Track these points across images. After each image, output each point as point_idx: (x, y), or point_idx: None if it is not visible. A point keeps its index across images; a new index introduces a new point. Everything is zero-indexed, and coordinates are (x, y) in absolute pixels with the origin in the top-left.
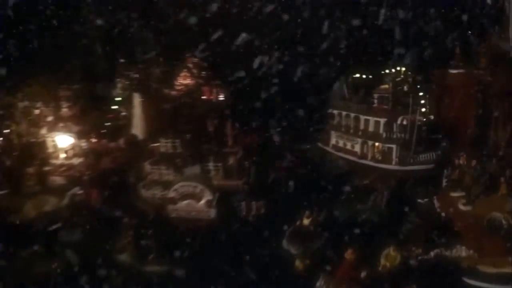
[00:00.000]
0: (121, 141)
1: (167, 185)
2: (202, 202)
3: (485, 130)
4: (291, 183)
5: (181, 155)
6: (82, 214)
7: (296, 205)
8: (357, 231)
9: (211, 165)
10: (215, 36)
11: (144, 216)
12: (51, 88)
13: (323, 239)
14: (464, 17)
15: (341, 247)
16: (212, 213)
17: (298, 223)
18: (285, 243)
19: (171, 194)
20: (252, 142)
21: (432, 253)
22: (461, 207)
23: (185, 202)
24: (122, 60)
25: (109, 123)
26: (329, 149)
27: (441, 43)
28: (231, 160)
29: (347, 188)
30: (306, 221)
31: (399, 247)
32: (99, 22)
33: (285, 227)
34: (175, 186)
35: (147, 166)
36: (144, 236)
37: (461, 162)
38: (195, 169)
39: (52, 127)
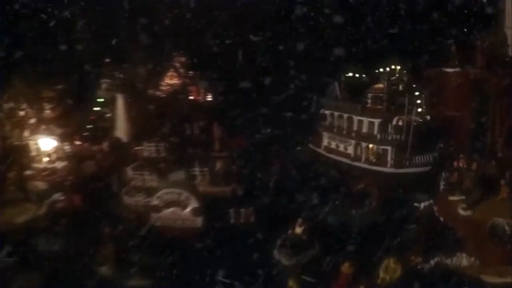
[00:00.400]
0: (105, 145)
1: (150, 191)
2: (188, 210)
3: (482, 130)
4: (282, 188)
5: (165, 160)
6: (62, 223)
7: (288, 212)
8: (352, 239)
9: (197, 170)
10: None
11: (126, 225)
12: (34, 89)
13: (317, 249)
14: (460, 14)
15: (337, 258)
16: (199, 221)
17: (290, 231)
18: (276, 253)
19: (155, 201)
20: (240, 146)
21: (432, 262)
22: (461, 212)
23: (170, 210)
24: (107, 60)
25: (92, 125)
26: (320, 151)
27: (437, 41)
28: (218, 165)
29: (340, 193)
30: (298, 230)
31: (398, 256)
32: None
33: (277, 236)
34: (159, 193)
35: (129, 172)
36: (126, 247)
37: (460, 164)
38: (180, 175)
39: (35, 130)
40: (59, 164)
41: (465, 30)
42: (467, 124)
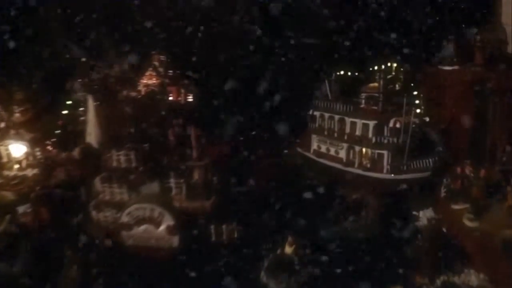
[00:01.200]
0: (75, 151)
1: (120, 206)
2: (162, 227)
3: (484, 133)
4: (268, 200)
5: (136, 170)
6: (25, 240)
7: (275, 228)
8: (349, 257)
9: (172, 182)
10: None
11: (94, 244)
12: (2, 91)
13: (309, 272)
14: (458, 9)
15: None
16: (175, 240)
17: (279, 251)
18: (263, 276)
19: (125, 218)
20: (221, 153)
21: (438, 281)
22: (467, 222)
23: (142, 227)
24: (83, 59)
25: (61, 130)
26: (310, 155)
27: (434, 37)
28: (196, 176)
29: (334, 203)
30: (288, 249)
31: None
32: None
33: (264, 256)
34: (129, 209)
35: (97, 183)
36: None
37: (467, 171)
38: (153, 188)
39: (4, 134)
40: (30, 172)
41: (464, 25)
42: (467, 126)
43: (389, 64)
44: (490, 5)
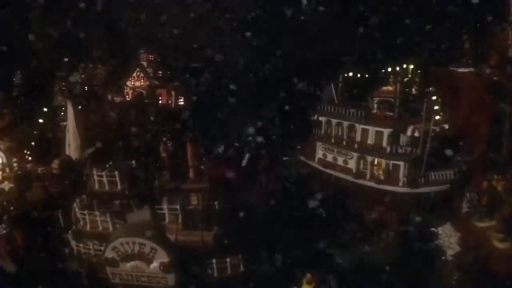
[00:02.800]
0: (54, 164)
1: (103, 238)
2: (155, 264)
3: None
4: (276, 226)
5: (121, 195)
6: None
7: (290, 260)
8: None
9: (165, 209)
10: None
11: (74, 279)
12: None
13: None
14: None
15: None
16: (171, 279)
17: None
18: None
19: (109, 253)
20: (224, 173)
21: None
22: (497, 243)
23: (130, 264)
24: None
25: (38, 140)
26: (314, 164)
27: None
28: (195, 201)
29: (349, 225)
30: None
31: None
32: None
33: None
34: (114, 243)
35: (75, 209)
36: None
37: (499, 188)
38: (143, 215)
39: None
40: (6, 186)
41: (478, 26)
42: (485, 133)
43: (404, 66)
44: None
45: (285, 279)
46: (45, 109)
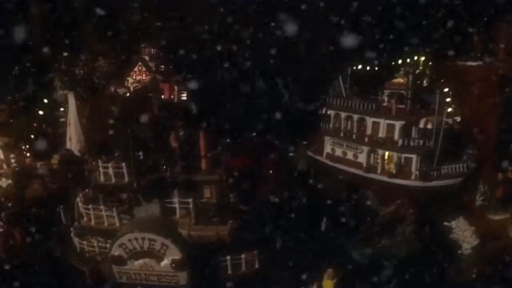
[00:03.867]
0: (54, 160)
1: (109, 234)
2: (166, 262)
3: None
4: (293, 219)
5: (129, 188)
6: None
7: (307, 254)
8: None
9: (176, 203)
10: None
11: (77, 279)
12: None
13: None
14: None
15: None
16: (182, 277)
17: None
18: None
19: (116, 250)
20: (240, 165)
21: None
22: None
23: (139, 262)
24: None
25: (37, 134)
26: (322, 159)
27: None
28: (208, 194)
29: (365, 220)
30: (328, 283)
31: None
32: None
33: None
34: (121, 240)
35: (79, 204)
36: None
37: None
38: (152, 210)
39: None
40: (4, 183)
41: (486, 19)
42: (494, 126)
43: (415, 58)
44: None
45: (302, 275)
46: (45, 100)
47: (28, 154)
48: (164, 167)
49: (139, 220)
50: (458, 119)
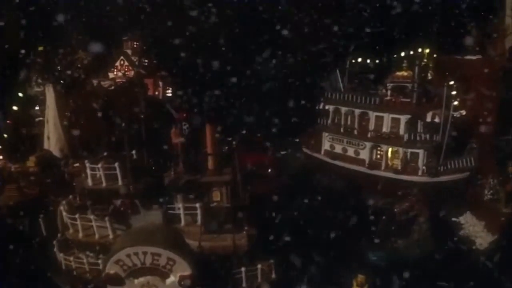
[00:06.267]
0: (30, 161)
1: (102, 248)
2: (172, 279)
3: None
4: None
5: (124, 192)
6: None
7: (329, 261)
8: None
9: (180, 209)
10: None
11: None
12: None
13: None
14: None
15: None
16: None
17: None
18: None
19: (112, 268)
20: (258, 163)
21: None
22: None
23: (140, 280)
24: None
25: (10, 133)
26: (320, 156)
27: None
28: (217, 197)
29: (380, 219)
30: None
31: None
32: None
33: None
34: (118, 255)
35: (62, 212)
36: None
37: None
38: (152, 218)
39: None
40: None
41: (482, 14)
42: (494, 120)
43: (420, 50)
44: None
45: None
46: (20, 94)
47: (0, 156)
48: (165, 167)
49: (137, 231)
50: (464, 112)
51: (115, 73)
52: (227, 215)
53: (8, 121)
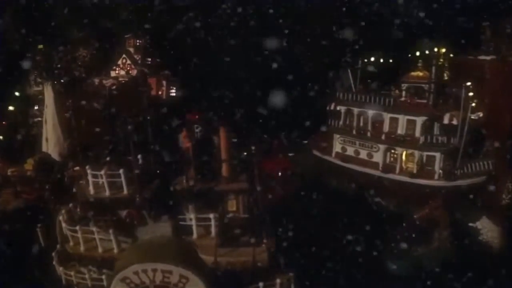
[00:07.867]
0: (28, 164)
1: (105, 263)
2: None
3: None
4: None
5: (130, 202)
6: None
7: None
8: None
9: (192, 220)
10: None
11: None
12: None
13: None
14: None
15: None
16: None
17: None
18: None
19: (117, 286)
20: (278, 171)
21: None
22: None
23: None
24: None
25: (6, 135)
26: (331, 159)
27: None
28: (232, 207)
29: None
30: None
31: None
32: None
33: None
34: (124, 273)
35: (61, 223)
36: None
37: None
38: (161, 230)
39: None
40: None
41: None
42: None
43: (435, 50)
44: None
45: None
46: (16, 94)
47: None
48: (175, 174)
49: (145, 245)
50: (481, 114)
51: (117, 71)
52: (244, 227)
53: (3, 122)
